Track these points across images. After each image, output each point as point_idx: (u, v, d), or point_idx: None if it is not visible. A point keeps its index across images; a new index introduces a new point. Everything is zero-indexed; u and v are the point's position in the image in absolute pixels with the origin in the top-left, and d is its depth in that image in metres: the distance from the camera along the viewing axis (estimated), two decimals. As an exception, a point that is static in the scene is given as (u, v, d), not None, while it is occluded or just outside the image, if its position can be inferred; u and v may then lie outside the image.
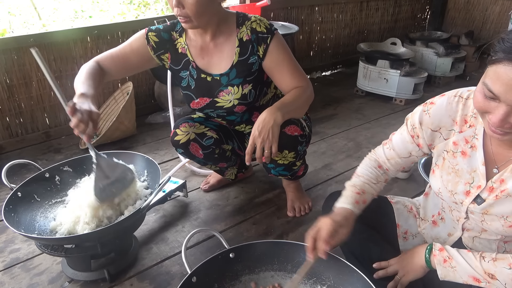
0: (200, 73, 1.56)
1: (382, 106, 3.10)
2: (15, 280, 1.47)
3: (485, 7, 4.07)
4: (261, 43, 1.48)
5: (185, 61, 1.57)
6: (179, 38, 1.56)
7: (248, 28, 1.49)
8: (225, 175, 1.91)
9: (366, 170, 1.22)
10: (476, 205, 1.01)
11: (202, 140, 1.62)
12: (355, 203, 1.13)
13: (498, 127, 0.83)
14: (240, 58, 1.51)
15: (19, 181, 1.52)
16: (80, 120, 1.19)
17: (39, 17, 3.97)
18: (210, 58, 1.55)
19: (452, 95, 1.04)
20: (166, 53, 1.57)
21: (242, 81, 1.53)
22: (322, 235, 1.03)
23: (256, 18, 1.50)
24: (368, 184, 1.19)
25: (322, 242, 1.03)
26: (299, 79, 1.52)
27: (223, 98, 1.56)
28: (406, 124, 1.15)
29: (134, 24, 2.67)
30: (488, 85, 0.82)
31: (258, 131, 1.42)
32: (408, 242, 1.28)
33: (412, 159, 1.17)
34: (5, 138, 2.42)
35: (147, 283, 1.45)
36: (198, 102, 1.60)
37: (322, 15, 3.64)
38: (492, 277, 0.94)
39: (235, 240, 1.66)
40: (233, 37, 1.51)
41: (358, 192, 1.16)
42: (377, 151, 1.25)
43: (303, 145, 1.59)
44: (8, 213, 1.35)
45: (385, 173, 1.24)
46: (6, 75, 2.29)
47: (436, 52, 3.45)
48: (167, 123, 2.69)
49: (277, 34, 1.50)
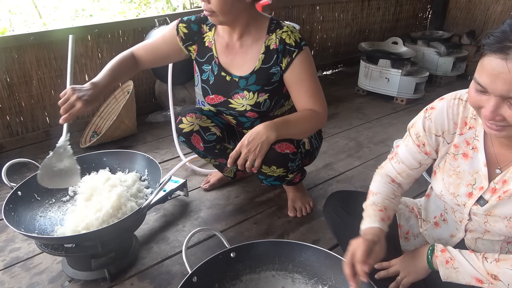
0: (220, 70, 1.56)
1: (383, 106, 3.09)
2: (15, 279, 1.47)
3: (486, 7, 4.05)
4: (286, 55, 1.45)
5: (209, 56, 1.57)
6: (208, 32, 1.57)
7: (277, 37, 1.46)
8: (224, 171, 1.90)
9: (382, 186, 1.17)
10: (479, 206, 1.00)
11: (205, 134, 1.61)
12: (381, 221, 1.07)
13: (490, 120, 0.84)
14: (263, 66, 1.49)
15: (19, 180, 1.51)
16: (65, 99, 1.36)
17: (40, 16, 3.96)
18: (234, 57, 1.54)
19: (451, 98, 1.03)
20: (193, 45, 1.59)
21: (259, 89, 1.51)
22: (358, 257, 0.97)
23: (288, 28, 1.47)
24: (388, 200, 1.14)
25: (359, 264, 0.96)
26: (315, 103, 1.48)
27: (236, 101, 1.55)
28: (409, 134, 1.12)
29: (135, 23, 2.67)
30: (477, 79, 0.84)
31: (248, 141, 1.40)
32: (410, 242, 1.27)
33: (422, 168, 1.14)
34: (5, 137, 2.42)
35: (147, 282, 1.45)
36: (213, 98, 1.61)
37: (323, 14, 3.63)
38: (495, 278, 0.93)
39: (236, 239, 1.65)
40: (260, 42, 1.49)
41: (381, 209, 1.10)
42: (385, 167, 1.22)
43: (295, 162, 1.55)
44: (8, 212, 1.35)
45: (399, 186, 1.20)
46: (7, 73, 2.29)
47: (438, 52, 3.44)
48: (167, 122, 2.68)
49: (306, 50, 1.46)
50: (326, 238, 1.65)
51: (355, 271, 0.98)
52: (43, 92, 2.45)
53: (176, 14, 2.79)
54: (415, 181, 1.22)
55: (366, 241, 1.00)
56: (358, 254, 0.97)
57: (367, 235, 1.03)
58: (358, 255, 0.97)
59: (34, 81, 2.39)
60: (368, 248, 0.98)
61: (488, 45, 0.81)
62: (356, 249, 0.99)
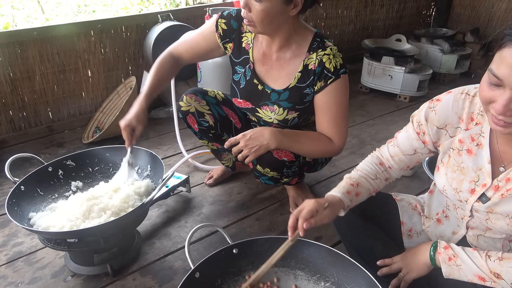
0: (253, 77, 1.52)
1: (386, 103, 3.08)
2: (18, 273, 1.47)
3: (491, 4, 4.03)
4: (321, 79, 1.40)
5: (245, 58, 1.53)
6: (248, 32, 1.52)
7: (318, 57, 1.40)
8: (222, 159, 1.88)
9: (366, 165, 1.22)
10: (481, 203, 1.00)
11: (198, 118, 1.62)
12: (346, 193, 1.12)
13: (501, 114, 0.82)
14: (298, 84, 1.45)
15: (22, 175, 1.52)
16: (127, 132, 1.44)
17: (42, 11, 3.95)
18: (269, 68, 1.50)
19: (458, 92, 1.03)
20: (230, 43, 1.55)
21: (291, 107, 1.48)
22: (303, 213, 1.04)
23: (331, 51, 1.39)
24: (365, 178, 1.18)
25: (302, 219, 1.03)
26: (335, 133, 1.45)
27: (265, 112, 1.53)
28: (411, 122, 1.13)
29: (138, 19, 2.66)
30: (493, 70, 0.82)
31: (250, 137, 1.40)
32: (413, 239, 1.27)
33: (417, 156, 1.15)
34: (8, 132, 2.42)
35: (149, 278, 1.45)
36: (241, 102, 1.59)
37: (326, 10, 3.61)
38: (497, 277, 0.93)
39: (238, 235, 1.65)
40: (299, 60, 1.44)
41: (352, 184, 1.16)
42: (382, 149, 1.24)
43: (291, 169, 1.54)
44: (12, 206, 1.35)
45: (386, 171, 1.21)
46: (10, 68, 2.29)
47: (441, 49, 3.42)
48: (170, 118, 2.68)
49: (343, 78, 1.40)
50: (329, 235, 1.65)
51: (296, 225, 1.05)
52: (46, 88, 2.45)
53: (179, 10, 2.78)
54: (418, 179, 1.21)
55: (317, 202, 1.06)
56: (304, 211, 1.04)
57: (323, 199, 1.09)
58: (304, 212, 1.04)
59: (37, 76, 2.39)
60: (315, 209, 1.04)
61: (510, 36, 0.79)
62: (305, 206, 1.05)
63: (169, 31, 2.49)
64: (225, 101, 1.69)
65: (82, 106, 2.64)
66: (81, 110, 2.65)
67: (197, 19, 2.83)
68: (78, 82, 2.56)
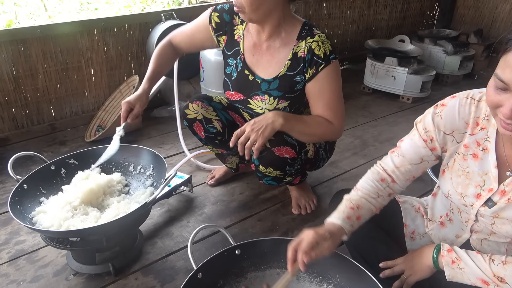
0: (244, 68, 1.54)
1: (389, 104, 3.08)
2: (20, 271, 1.47)
3: (495, 5, 4.01)
4: (312, 66, 1.41)
5: (236, 50, 1.56)
6: (240, 25, 1.54)
7: (307, 45, 1.41)
8: (226, 162, 1.89)
9: (366, 183, 1.16)
10: (487, 208, 0.99)
11: (206, 125, 1.62)
12: (346, 219, 1.07)
13: (509, 118, 0.81)
14: (288, 72, 1.46)
15: (24, 173, 1.52)
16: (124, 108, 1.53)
17: (45, 9, 3.95)
18: (259, 58, 1.51)
19: (463, 97, 1.01)
20: (223, 35, 1.57)
21: (281, 95, 1.49)
22: (303, 246, 0.99)
23: (320, 38, 1.41)
24: (366, 199, 1.13)
25: (301, 253, 0.98)
26: (332, 114, 1.45)
27: (256, 103, 1.54)
28: (416, 129, 1.10)
29: (141, 17, 2.66)
30: (499, 75, 0.81)
31: (254, 121, 1.41)
32: (416, 242, 1.27)
33: (423, 165, 1.11)
34: (11, 130, 2.42)
35: (151, 277, 1.45)
36: (233, 95, 1.60)
37: (330, 10, 3.60)
38: (501, 280, 0.93)
39: (240, 236, 1.65)
40: (288, 48, 1.45)
41: (352, 207, 1.11)
42: (384, 161, 1.19)
43: (294, 166, 1.53)
44: (14, 205, 1.35)
45: (388, 186, 1.16)
46: (13, 66, 2.29)
47: (445, 50, 3.41)
48: (172, 117, 2.67)
49: (333, 64, 1.41)
50: (330, 236, 1.65)
51: (296, 258, 1.00)
52: (48, 86, 2.45)
53: (182, 9, 2.78)
54: (421, 181, 1.20)
55: (317, 234, 1.00)
56: (303, 243, 0.99)
57: (322, 229, 1.04)
58: (303, 244, 0.99)
59: (40, 74, 2.39)
60: (315, 241, 0.99)
61: None
62: (304, 238, 1.00)
63: (172, 30, 2.47)
64: (230, 105, 1.70)
65: (84, 104, 2.64)
66: (84, 108, 2.65)
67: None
68: (80, 80, 2.56)
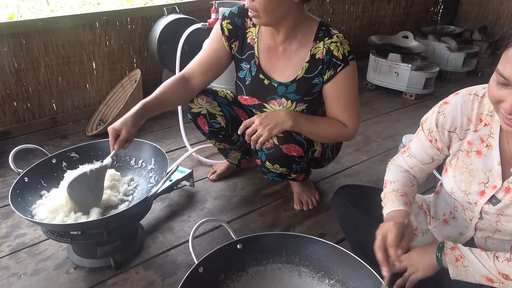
0: (259, 72, 1.50)
1: (392, 100, 3.06)
2: (21, 264, 1.47)
3: (499, 2, 3.98)
4: (331, 68, 1.39)
5: (250, 54, 1.51)
6: (252, 27, 1.49)
7: (325, 46, 1.38)
8: (228, 157, 1.87)
9: (398, 175, 1.14)
10: (491, 205, 0.98)
11: (210, 120, 1.61)
12: (405, 205, 1.03)
13: (510, 114, 0.81)
14: (306, 75, 1.43)
15: (25, 166, 1.51)
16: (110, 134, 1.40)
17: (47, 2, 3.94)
18: (276, 61, 1.48)
19: (466, 93, 1.00)
20: (235, 41, 1.52)
21: (299, 99, 1.46)
22: (390, 240, 0.91)
23: (338, 39, 1.39)
24: (407, 187, 1.11)
25: (392, 248, 0.91)
26: (348, 118, 1.45)
27: (272, 106, 1.51)
28: (422, 129, 1.10)
29: (143, 11, 2.64)
30: (500, 70, 0.81)
31: (265, 115, 1.41)
32: (418, 239, 1.26)
33: (435, 163, 1.12)
34: (12, 123, 2.42)
35: (152, 271, 1.45)
36: (247, 99, 1.56)
37: (333, 6, 3.58)
38: (506, 278, 0.92)
39: (242, 231, 1.65)
40: (306, 50, 1.42)
41: (402, 194, 1.07)
42: (397, 160, 1.20)
43: (300, 164, 1.52)
44: (15, 197, 1.34)
45: (414, 177, 1.17)
46: (14, 59, 2.28)
47: (448, 47, 3.39)
48: (174, 112, 2.66)
49: (351, 65, 1.40)
50: (333, 232, 1.64)
51: (387, 255, 0.92)
52: (50, 79, 2.44)
53: (184, 3, 2.76)
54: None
55: (397, 223, 0.94)
56: (390, 238, 0.92)
57: (396, 217, 0.98)
58: (390, 239, 0.92)
59: (42, 67, 2.38)
60: (400, 231, 0.92)
61: None
62: (387, 233, 0.93)
63: (174, 24, 2.47)
64: (235, 100, 1.67)
65: (86, 98, 2.63)
66: (85, 102, 2.64)
67: (203, 12, 2.81)
68: (82, 74, 2.55)
